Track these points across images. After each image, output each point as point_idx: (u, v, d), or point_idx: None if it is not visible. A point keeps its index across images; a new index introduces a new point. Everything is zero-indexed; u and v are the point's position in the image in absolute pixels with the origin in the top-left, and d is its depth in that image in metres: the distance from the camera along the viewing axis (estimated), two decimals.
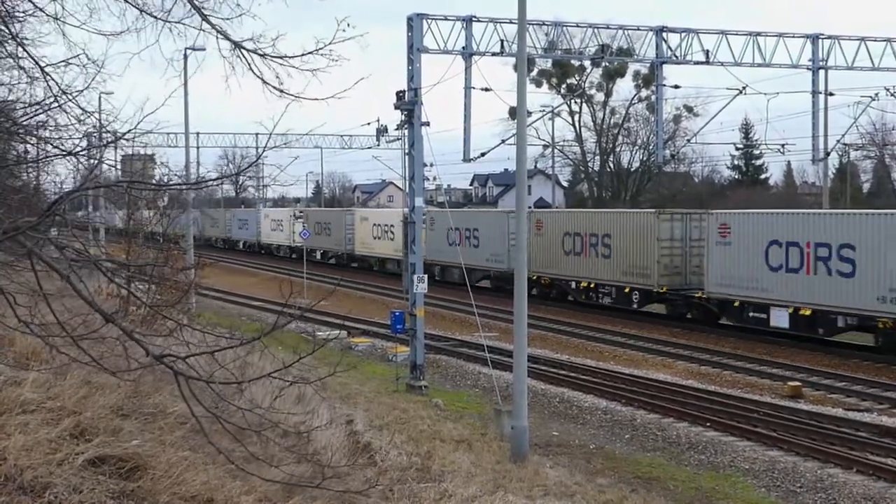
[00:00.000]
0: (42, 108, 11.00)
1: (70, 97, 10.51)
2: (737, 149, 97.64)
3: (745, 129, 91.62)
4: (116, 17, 10.87)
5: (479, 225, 54.48)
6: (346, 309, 40.60)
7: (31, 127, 11.25)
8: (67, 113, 10.77)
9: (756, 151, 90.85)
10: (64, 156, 10.36)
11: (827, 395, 28.33)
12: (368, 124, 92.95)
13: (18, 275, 10.65)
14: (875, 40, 37.28)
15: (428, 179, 37.92)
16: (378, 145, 70.50)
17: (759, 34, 35.55)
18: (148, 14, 10.42)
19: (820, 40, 36.53)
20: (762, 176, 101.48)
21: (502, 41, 31.17)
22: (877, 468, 20.18)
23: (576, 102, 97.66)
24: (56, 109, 10.78)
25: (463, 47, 30.48)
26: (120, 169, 18.83)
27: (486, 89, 31.70)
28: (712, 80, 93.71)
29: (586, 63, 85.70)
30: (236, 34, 10.34)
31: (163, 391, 12.09)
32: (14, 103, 12.46)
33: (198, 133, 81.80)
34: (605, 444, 23.40)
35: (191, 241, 45.77)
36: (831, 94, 42.12)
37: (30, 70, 11.81)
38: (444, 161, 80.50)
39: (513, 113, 70.82)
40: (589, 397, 28.07)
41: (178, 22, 10.33)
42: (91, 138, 11.53)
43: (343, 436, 15.05)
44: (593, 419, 25.99)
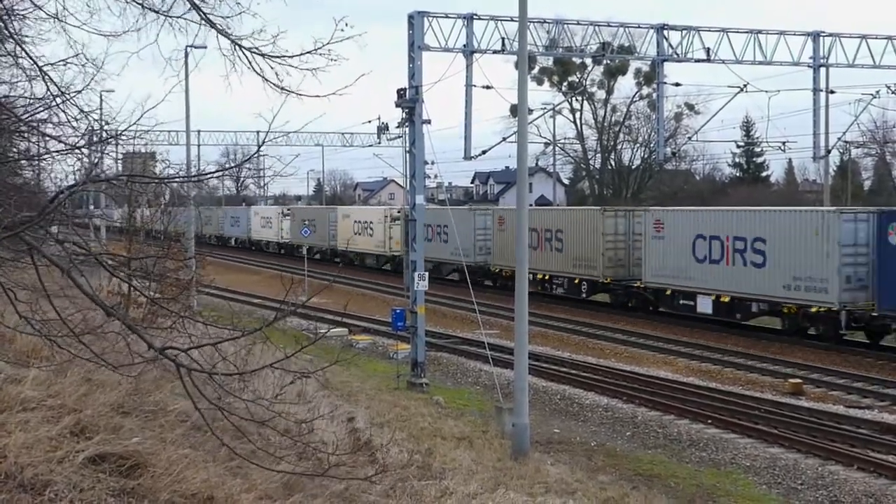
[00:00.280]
0: (42, 107, 10.98)
1: (68, 97, 10.50)
2: (738, 146, 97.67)
3: (746, 127, 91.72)
4: (117, 16, 10.87)
5: (448, 221, 55.79)
6: (347, 306, 40.60)
7: (32, 124, 11.24)
8: (66, 113, 10.76)
9: (757, 149, 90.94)
10: (64, 152, 10.34)
11: (828, 392, 28.33)
12: (369, 122, 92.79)
13: (20, 271, 10.65)
14: (876, 38, 37.27)
15: (429, 177, 37.93)
16: (379, 143, 70.56)
17: (760, 32, 35.55)
18: (149, 9, 10.41)
19: (821, 38, 36.51)
20: (763, 174, 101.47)
21: (503, 39, 31.17)
22: (878, 465, 20.17)
23: (577, 100, 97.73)
24: (56, 107, 10.78)
25: (464, 45, 30.46)
26: (121, 166, 18.80)
27: (488, 87, 31.70)
28: (713, 77, 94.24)
29: (587, 61, 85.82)
30: (236, 32, 10.37)
31: (163, 389, 12.09)
32: (15, 100, 12.44)
33: (199, 131, 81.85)
34: (606, 441, 23.40)
35: (192, 238, 45.76)
36: (832, 92, 42.01)
37: (29, 69, 11.81)
38: (445, 159, 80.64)
39: (514, 111, 70.83)
40: (590, 394, 28.06)
41: (180, 17, 10.32)
42: (92, 135, 11.51)
43: (344, 433, 15.07)
44: (594, 416, 25.99)
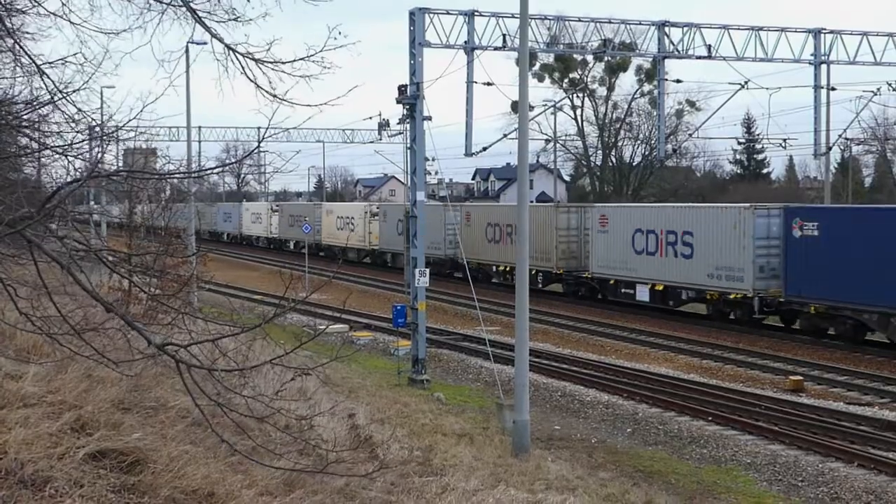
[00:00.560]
0: (41, 104, 10.97)
1: (65, 95, 10.48)
2: (739, 143, 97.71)
3: (747, 124, 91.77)
4: (118, 14, 10.86)
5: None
6: (348, 303, 40.61)
7: (32, 121, 11.23)
8: (63, 113, 10.76)
9: (758, 146, 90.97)
10: (64, 148, 10.33)
11: (828, 389, 28.32)
12: (370, 118, 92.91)
13: (20, 267, 10.64)
14: (877, 35, 37.27)
15: (430, 174, 37.91)
16: (380, 139, 70.58)
17: (761, 29, 35.55)
18: (152, 2, 10.40)
19: (822, 35, 36.52)
20: (764, 170, 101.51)
21: (504, 35, 31.18)
22: (878, 462, 20.16)
23: (578, 97, 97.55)
24: (56, 104, 10.77)
25: (465, 42, 30.45)
26: (121, 162, 18.80)
27: (488, 84, 31.73)
28: (714, 74, 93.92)
29: (588, 58, 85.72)
30: (231, 37, 10.34)
31: (163, 385, 12.10)
32: (15, 97, 12.44)
33: (199, 127, 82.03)
34: (606, 438, 23.40)
35: (192, 234, 45.74)
36: (833, 89, 42.14)
37: (27, 67, 11.80)
38: (446, 155, 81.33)
39: (515, 107, 70.72)
40: (591, 391, 28.05)
41: (179, 6, 10.28)
42: (92, 131, 11.50)
43: (345, 429, 15.06)
44: (595, 413, 25.98)
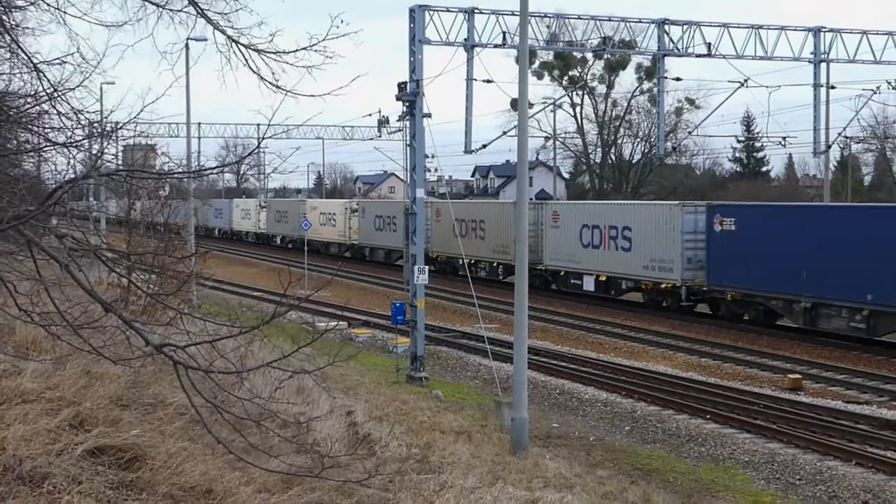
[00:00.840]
0: (41, 100, 10.98)
1: (61, 94, 10.48)
2: (738, 141, 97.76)
3: (747, 122, 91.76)
4: (118, 7, 10.86)
5: (395, 213, 63.58)
6: (347, 300, 40.62)
7: (32, 117, 11.23)
8: (65, 106, 10.76)
9: (757, 144, 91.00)
10: (64, 145, 10.34)
11: (827, 387, 28.33)
12: (370, 115, 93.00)
13: (19, 264, 10.64)
14: (877, 34, 37.27)
15: (429, 171, 37.94)
16: (380, 136, 71.12)
17: (760, 27, 35.55)
18: (149, 2, 10.40)
19: (822, 33, 36.52)
20: (763, 168, 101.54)
21: (504, 33, 31.17)
22: (876, 461, 20.17)
23: (577, 94, 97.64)
24: (56, 101, 10.77)
25: (465, 39, 30.44)
26: (121, 159, 18.79)
27: (488, 81, 31.72)
28: (714, 72, 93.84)
29: (588, 55, 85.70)
30: (233, 29, 10.33)
31: (162, 381, 12.10)
32: (15, 93, 12.44)
33: (199, 123, 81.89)
34: (604, 435, 23.41)
35: (192, 231, 45.77)
36: (833, 88, 42.09)
37: (25, 65, 11.80)
38: (445, 152, 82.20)
39: (514, 105, 70.80)
40: (589, 389, 28.07)
41: (179, 11, 10.30)
42: (92, 128, 11.50)
43: (343, 427, 15.06)
44: (593, 411, 26.00)
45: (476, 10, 30.57)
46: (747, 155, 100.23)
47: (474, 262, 53.64)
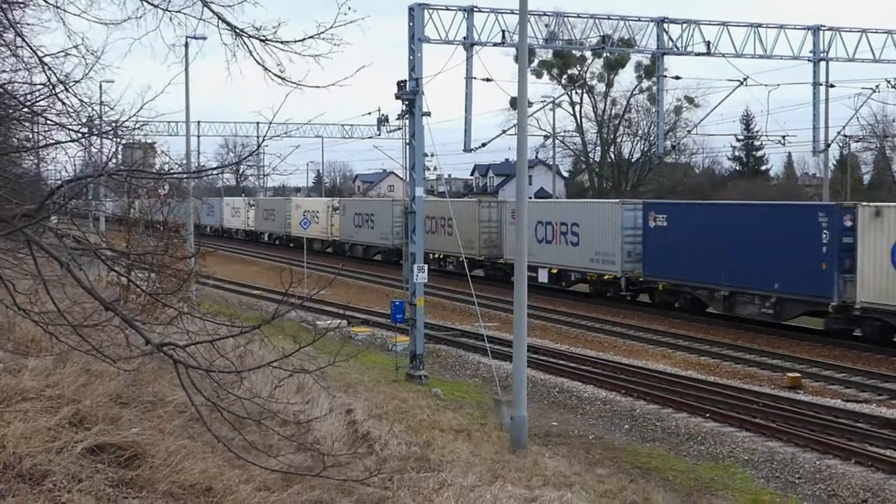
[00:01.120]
0: (42, 96, 10.96)
1: (67, 87, 10.47)
2: (738, 140, 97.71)
3: (746, 121, 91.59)
4: (116, 5, 10.84)
5: (373, 211, 68.56)
6: (346, 298, 40.66)
7: (32, 115, 11.23)
8: (65, 103, 10.75)
9: (757, 143, 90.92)
10: (64, 143, 10.34)
11: (826, 386, 28.35)
12: (369, 114, 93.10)
13: (19, 263, 10.64)
14: (876, 32, 37.26)
15: (429, 169, 37.93)
16: (379, 135, 71.09)
17: (760, 26, 35.53)
18: (148, 2, 10.39)
19: (821, 32, 36.50)
20: (763, 167, 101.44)
21: (503, 31, 31.15)
22: (875, 459, 20.18)
23: (577, 93, 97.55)
24: (56, 97, 10.75)
25: (464, 37, 30.43)
26: (120, 157, 18.78)
27: (488, 79, 31.70)
28: (713, 71, 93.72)
29: (587, 54, 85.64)
30: (238, 21, 10.31)
31: (162, 380, 12.10)
32: (14, 90, 12.43)
33: (199, 122, 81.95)
34: (604, 434, 23.42)
35: (191, 230, 45.73)
36: (832, 86, 42.08)
37: (28, 59, 11.78)
38: (445, 151, 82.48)
39: (514, 103, 70.84)
40: (588, 387, 28.08)
41: (179, 11, 10.29)
42: (91, 126, 11.49)
43: (342, 425, 15.06)
44: (592, 409, 26.01)
45: (475, 9, 30.57)
46: (746, 154, 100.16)
47: (443, 256, 57.40)
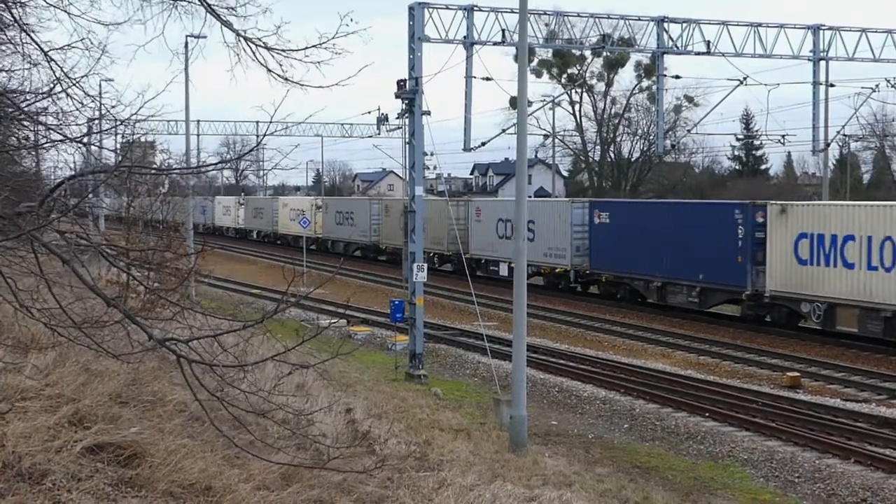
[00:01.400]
0: (43, 94, 10.95)
1: (73, 81, 10.47)
2: (737, 139, 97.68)
3: (746, 120, 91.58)
4: (117, 6, 10.84)
5: (353, 209, 72.53)
6: (346, 297, 40.64)
7: (32, 113, 11.21)
8: (71, 97, 10.73)
9: (756, 142, 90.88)
10: (64, 142, 10.32)
11: (825, 385, 28.33)
12: (369, 113, 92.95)
13: (20, 260, 10.63)
14: (876, 32, 37.26)
15: (428, 168, 37.92)
16: (379, 134, 71.00)
17: (759, 25, 35.53)
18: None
19: (821, 31, 36.49)
20: (762, 166, 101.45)
21: (503, 31, 31.14)
22: (875, 458, 20.18)
23: (576, 92, 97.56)
24: (57, 96, 10.74)
25: (464, 36, 30.43)
26: (120, 155, 18.77)
27: (487, 79, 31.70)
28: (713, 70, 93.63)
29: (587, 53, 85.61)
30: (240, 23, 10.34)
31: (161, 379, 12.11)
32: (14, 89, 12.41)
33: (198, 121, 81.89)
34: (603, 433, 23.41)
35: (191, 228, 45.78)
36: (832, 85, 42.05)
37: (32, 56, 11.76)
38: (444, 150, 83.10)
39: (513, 102, 70.85)
40: (588, 387, 28.06)
41: (185, 1, 10.28)
42: (92, 124, 11.48)
43: (342, 424, 15.08)
44: (592, 409, 26.00)
45: (475, 8, 30.55)
46: (746, 153, 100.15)
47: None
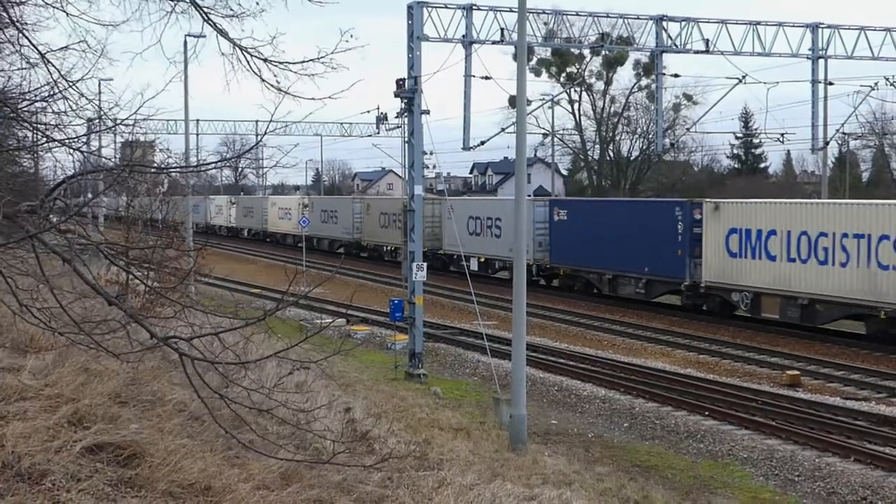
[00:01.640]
0: (41, 95, 10.94)
1: (70, 83, 10.47)
2: (736, 138, 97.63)
3: (745, 119, 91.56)
4: (116, 6, 10.83)
5: (336, 208, 75.56)
6: (345, 297, 40.64)
7: (31, 113, 11.20)
8: (68, 100, 10.73)
9: (755, 140, 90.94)
10: (63, 142, 10.31)
11: (825, 383, 28.33)
12: (368, 112, 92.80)
13: (20, 260, 10.62)
14: (874, 30, 37.28)
15: (427, 167, 37.93)
16: (378, 133, 71.02)
17: (758, 23, 35.53)
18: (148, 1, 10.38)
19: (820, 30, 36.49)
20: (761, 165, 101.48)
21: (502, 29, 31.14)
22: (874, 457, 20.18)
23: (575, 91, 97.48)
24: (56, 96, 10.73)
25: (463, 35, 30.43)
26: (119, 155, 18.77)
27: (486, 78, 31.71)
28: (712, 69, 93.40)
29: (586, 52, 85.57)
30: (236, 32, 10.35)
31: (161, 379, 12.10)
32: (13, 89, 12.40)
33: (197, 120, 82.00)
34: (603, 432, 23.42)
35: (190, 227, 45.78)
36: (831, 84, 41.96)
37: (30, 57, 11.75)
38: (443, 149, 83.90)
39: (512, 101, 70.79)
40: (588, 386, 28.06)
41: (181, 10, 10.28)
42: (91, 124, 11.47)
43: (342, 423, 15.06)
44: (592, 408, 26.00)
45: (474, 7, 30.56)
46: (745, 151, 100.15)
47: (393, 248, 63.96)
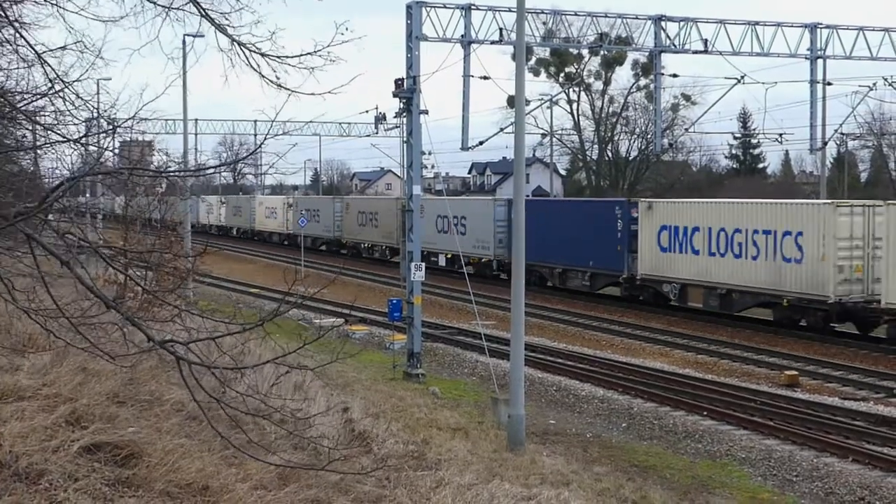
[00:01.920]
0: (40, 94, 10.93)
1: (67, 84, 10.46)
2: (735, 138, 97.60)
3: (744, 119, 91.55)
4: (114, 1, 10.82)
5: (319, 207, 78.34)
6: (344, 297, 40.62)
7: (30, 113, 11.19)
8: (65, 100, 10.72)
9: (754, 140, 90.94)
10: (63, 142, 10.31)
11: (824, 384, 28.33)
12: (367, 112, 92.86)
13: (17, 260, 10.62)
14: (873, 30, 37.28)
15: (426, 167, 37.99)
16: (376, 133, 71.25)
17: (757, 23, 35.55)
18: (150, 0, 10.38)
19: (818, 30, 36.51)
20: (760, 165, 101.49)
21: (501, 29, 31.15)
22: (873, 457, 20.18)
23: (574, 91, 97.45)
24: (55, 95, 10.73)
25: (462, 35, 30.45)
26: (118, 155, 18.76)
27: (485, 77, 31.76)
28: (711, 69, 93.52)
29: (584, 52, 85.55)
30: (235, 28, 10.34)
31: (159, 379, 12.10)
32: (13, 89, 12.40)
33: (196, 120, 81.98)
34: (601, 432, 23.42)
35: (188, 228, 45.77)
36: (829, 84, 42.01)
37: (27, 56, 11.75)
38: (442, 149, 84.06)
39: (511, 101, 70.78)
40: (586, 386, 28.06)
41: (178, 8, 10.28)
42: (90, 125, 11.46)
43: (340, 423, 15.06)
44: (590, 408, 26.00)
45: (473, 7, 30.58)
46: (744, 151, 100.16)
47: (370, 245, 68.34)
